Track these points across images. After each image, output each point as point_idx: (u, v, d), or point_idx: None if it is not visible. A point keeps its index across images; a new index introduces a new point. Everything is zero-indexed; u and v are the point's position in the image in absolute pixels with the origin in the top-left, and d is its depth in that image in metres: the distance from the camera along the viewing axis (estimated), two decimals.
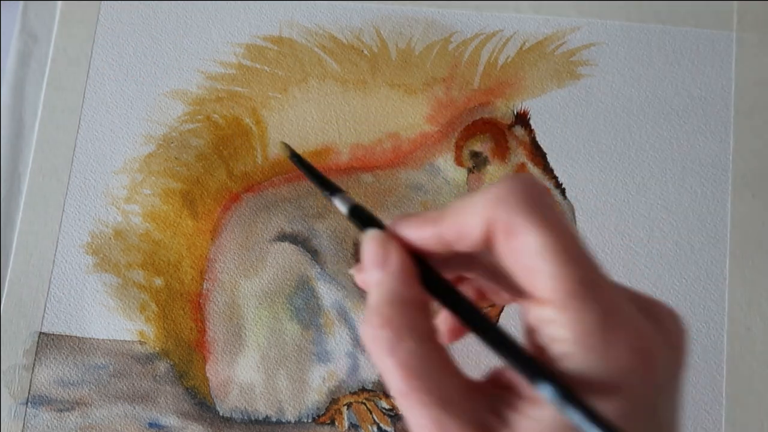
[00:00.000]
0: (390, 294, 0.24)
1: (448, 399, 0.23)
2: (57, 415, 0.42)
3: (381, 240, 0.26)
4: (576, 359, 0.22)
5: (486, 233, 0.24)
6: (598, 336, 0.22)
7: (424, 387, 0.23)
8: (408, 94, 0.46)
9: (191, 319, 0.43)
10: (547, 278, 0.22)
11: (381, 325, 0.24)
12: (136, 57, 0.47)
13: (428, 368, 0.23)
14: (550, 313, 0.23)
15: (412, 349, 0.23)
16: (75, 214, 0.45)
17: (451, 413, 0.22)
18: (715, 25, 0.47)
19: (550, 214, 0.23)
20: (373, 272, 0.25)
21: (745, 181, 0.45)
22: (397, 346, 0.23)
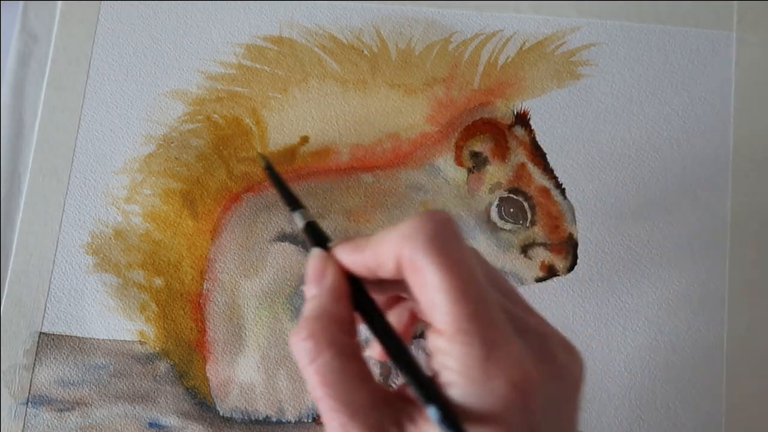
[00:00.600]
0: (318, 309, 0.27)
1: (354, 407, 0.25)
2: (57, 415, 0.42)
3: (321, 258, 0.29)
4: (460, 388, 0.24)
5: (397, 266, 0.26)
6: (478, 369, 0.24)
7: (334, 395, 0.26)
8: (408, 94, 0.46)
9: (191, 319, 0.43)
10: (441, 312, 0.25)
11: (305, 337, 0.26)
12: (136, 57, 0.47)
13: (341, 379, 0.26)
14: (443, 344, 0.25)
15: (328, 361, 0.26)
16: (75, 214, 0.45)
17: (356, 420, 0.25)
18: (715, 25, 0.47)
19: (452, 253, 0.25)
20: (310, 287, 0.28)
21: (746, 181, 0.45)
22: (317, 357, 0.26)
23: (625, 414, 0.42)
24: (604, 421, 0.42)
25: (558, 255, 0.44)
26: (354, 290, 0.28)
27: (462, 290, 0.25)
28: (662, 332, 0.43)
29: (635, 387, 0.43)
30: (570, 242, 0.44)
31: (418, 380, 0.25)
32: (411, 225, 0.26)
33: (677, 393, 0.42)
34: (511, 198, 0.44)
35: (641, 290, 0.44)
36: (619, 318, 0.43)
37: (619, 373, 0.43)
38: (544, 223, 0.44)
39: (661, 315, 0.43)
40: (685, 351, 0.43)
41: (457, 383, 0.25)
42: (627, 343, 0.43)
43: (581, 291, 0.44)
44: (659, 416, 0.42)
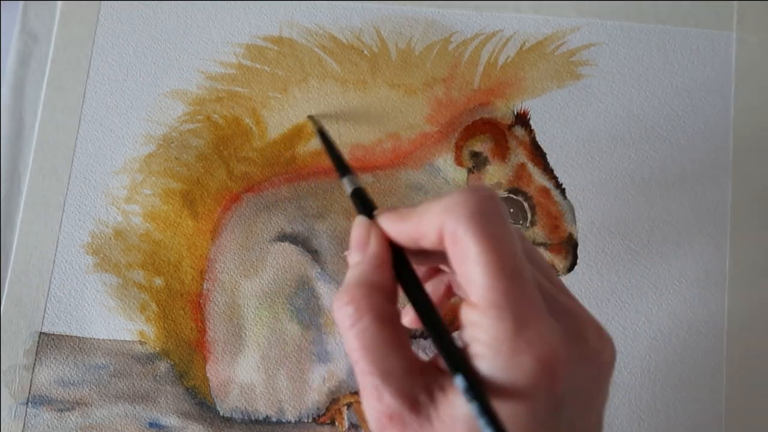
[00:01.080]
0: (361, 276, 0.28)
1: (388, 372, 0.26)
2: (57, 415, 0.42)
3: (365, 226, 0.29)
4: (488, 361, 0.25)
5: (439, 237, 0.27)
6: (508, 343, 0.25)
7: (370, 358, 0.26)
8: (408, 94, 0.46)
9: (191, 319, 0.43)
10: (477, 286, 0.25)
11: (347, 302, 0.27)
12: (136, 57, 0.47)
13: (377, 344, 0.27)
14: (475, 316, 0.25)
15: (367, 326, 0.27)
16: (75, 214, 0.45)
17: (389, 384, 0.26)
18: (715, 25, 0.47)
19: (493, 228, 0.26)
20: (354, 254, 0.29)
21: (746, 181, 0.45)
22: (357, 322, 0.27)
23: (625, 414, 0.42)
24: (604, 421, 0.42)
25: (558, 255, 0.44)
26: (395, 259, 0.29)
27: (499, 265, 0.25)
28: (662, 332, 0.43)
29: (635, 387, 0.43)
30: (570, 242, 0.44)
31: (447, 350, 0.26)
32: (455, 198, 0.26)
33: (677, 393, 0.42)
34: (511, 198, 0.44)
35: (641, 290, 0.44)
36: (619, 318, 0.43)
37: (618, 372, 0.43)
38: (544, 223, 0.44)
39: (661, 315, 0.43)
40: (685, 351, 0.43)
41: (485, 356, 0.25)
42: (627, 343, 0.43)
43: (581, 291, 0.44)
44: (659, 416, 0.42)
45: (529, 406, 0.25)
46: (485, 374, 0.25)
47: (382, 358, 0.27)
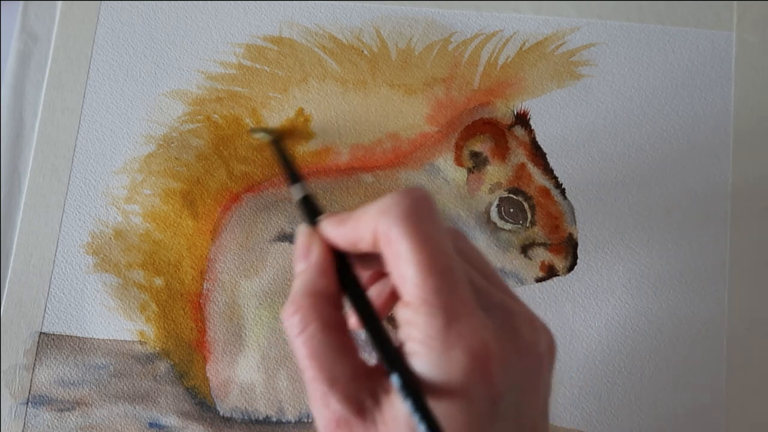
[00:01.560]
0: (305, 284, 0.29)
1: (334, 378, 0.27)
2: (57, 415, 0.42)
3: (307, 234, 0.30)
4: (422, 358, 0.26)
5: (374, 239, 0.27)
6: (439, 339, 0.25)
7: (317, 365, 0.27)
8: (408, 94, 0.46)
9: (191, 319, 0.43)
10: (409, 284, 0.26)
11: (293, 311, 0.28)
12: (136, 57, 0.47)
13: (324, 350, 0.27)
14: (409, 314, 0.26)
15: (313, 333, 0.27)
16: (75, 214, 0.45)
17: (335, 390, 0.27)
18: (715, 25, 0.47)
19: (423, 227, 0.26)
20: (298, 263, 0.30)
21: (746, 181, 0.45)
22: (304, 330, 0.28)
23: (625, 414, 0.42)
24: (603, 420, 0.42)
25: (558, 255, 0.44)
26: (339, 265, 0.29)
27: (429, 263, 0.26)
28: (662, 332, 0.43)
29: (635, 387, 0.43)
30: (570, 242, 0.44)
31: (384, 349, 0.27)
32: (388, 200, 0.27)
33: (677, 393, 0.42)
34: (511, 198, 0.44)
35: (641, 290, 0.44)
36: (618, 318, 0.43)
37: (618, 372, 0.43)
38: (544, 223, 0.44)
39: (661, 315, 0.43)
40: (685, 351, 0.43)
41: (419, 353, 0.26)
42: (627, 343, 0.43)
43: (581, 291, 0.44)
44: (659, 416, 0.42)
45: (465, 401, 0.25)
46: (420, 372, 0.26)
47: (328, 364, 0.27)
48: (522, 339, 0.28)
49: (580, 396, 0.42)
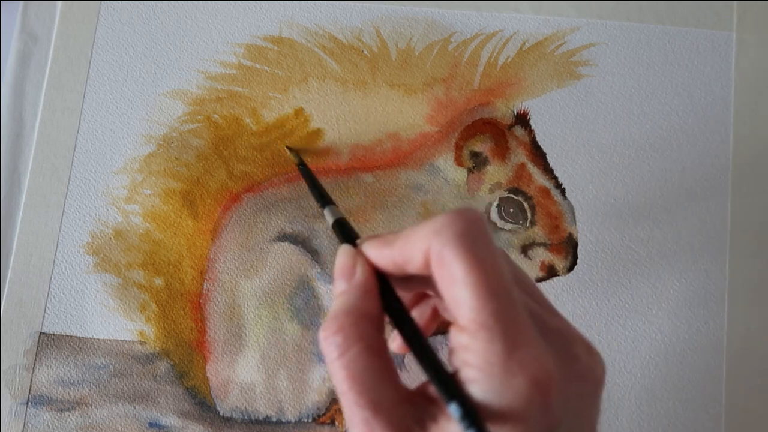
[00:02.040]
0: (348, 305, 0.28)
1: (378, 404, 0.26)
2: (57, 415, 0.42)
3: (351, 255, 0.29)
4: (480, 385, 0.25)
5: (425, 260, 0.26)
6: (500, 366, 0.24)
7: (360, 390, 0.26)
8: (408, 94, 0.46)
9: (191, 319, 0.43)
10: (465, 308, 0.25)
11: (335, 332, 0.27)
12: (136, 57, 0.47)
13: (368, 375, 0.26)
14: (465, 339, 0.25)
15: (356, 357, 0.26)
16: (75, 214, 0.45)
17: (380, 416, 0.26)
18: (715, 25, 0.47)
19: (480, 249, 0.25)
20: (339, 283, 0.29)
21: (745, 181, 0.45)
22: (345, 352, 0.26)
23: (624, 414, 0.42)
24: (603, 421, 0.42)
25: (558, 255, 0.44)
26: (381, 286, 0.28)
27: (487, 286, 0.25)
28: (662, 332, 0.43)
29: (635, 387, 0.43)
30: (570, 242, 0.44)
31: (440, 377, 0.26)
32: (441, 220, 0.26)
33: (677, 393, 0.42)
34: (511, 198, 0.44)
35: (641, 290, 0.44)
36: (619, 318, 0.43)
37: (618, 373, 0.43)
38: (544, 223, 0.44)
39: (661, 315, 0.43)
40: (685, 351, 0.43)
41: (477, 379, 0.25)
42: (627, 343, 0.43)
43: (581, 291, 0.44)
44: (659, 416, 0.42)
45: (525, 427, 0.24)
46: (478, 399, 0.25)
47: (372, 389, 0.26)
48: (581, 365, 0.27)
49: None
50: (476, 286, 0.25)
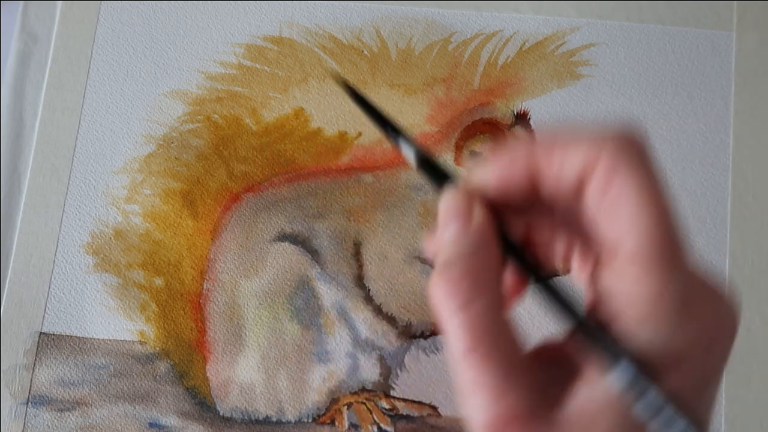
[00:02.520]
0: (471, 248, 0.23)
1: (511, 364, 0.22)
2: (57, 415, 0.42)
3: (464, 196, 0.24)
4: (648, 328, 0.21)
5: (582, 173, 0.22)
6: (678, 307, 0.21)
7: (491, 347, 0.21)
8: (408, 94, 0.46)
9: (191, 319, 0.43)
10: (639, 232, 0.21)
11: (459, 277, 0.22)
12: (136, 57, 0.47)
13: (497, 330, 0.22)
14: (629, 274, 0.21)
15: (485, 308, 0.22)
16: (75, 214, 0.45)
17: (513, 379, 0.21)
18: (715, 25, 0.47)
19: (654, 167, 0.21)
20: (450, 227, 0.24)
21: (745, 181, 0.45)
22: (471, 302, 0.22)
23: None
24: None
25: None
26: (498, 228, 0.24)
27: (667, 209, 0.21)
28: None
29: None
30: None
31: (597, 334, 0.21)
32: (611, 129, 0.22)
33: None
34: None
35: None
36: None
37: None
38: None
39: None
40: None
41: (644, 322, 0.21)
42: None
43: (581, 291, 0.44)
44: None
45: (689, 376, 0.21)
46: (644, 346, 0.21)
47: (504, 347, 0.22)
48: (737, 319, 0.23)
49: None
50: (655, 207, 0.21)
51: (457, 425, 0.42)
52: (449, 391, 0.42)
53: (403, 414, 0.42)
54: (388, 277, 0.43)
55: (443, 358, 0.43)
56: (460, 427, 0.42)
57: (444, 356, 0.43)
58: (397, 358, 0.43)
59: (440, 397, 0.42)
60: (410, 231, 0.44)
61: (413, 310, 0.43)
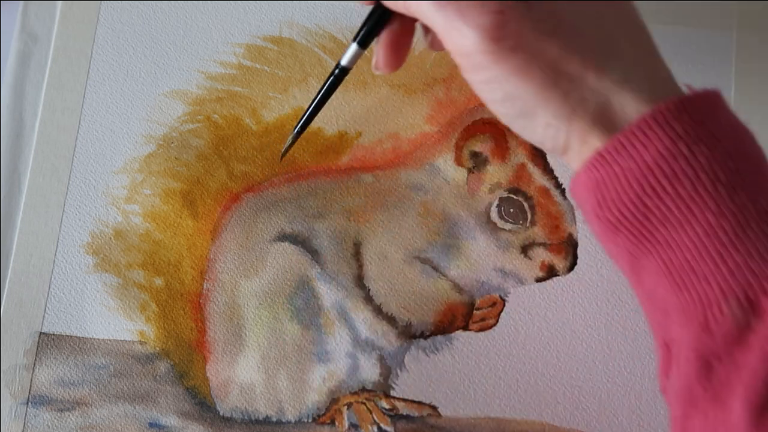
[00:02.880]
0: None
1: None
2: (57, 415, 0.42)
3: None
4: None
5: None
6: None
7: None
8: (408, 94, 0.46)
9: (191, 319, 0.43)
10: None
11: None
12: (136, 57, 0.47)
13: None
14: None
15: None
16: (75, 214, 0.45)
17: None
18: (715, 25, 0.47)
19: None
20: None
21: None
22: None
23: (624, 414, 0.42)
24: (603, 421, 0.42)
25: (558, 255, 0.44)
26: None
27: None
28: None
29: (635, 387, 0.43)
30: (570, 242, 0.44)
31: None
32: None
33: None
34: (511, 198, 0.44)
35: None
36: (619, 318, 0.43)
37: (619, 373, 0.43)
38: (544, 223, 0.44)
39: None
40: None
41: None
42: (627, 343, 0.43)
43: (581, 291, 0.44)
44: (659, 416, 0.42)
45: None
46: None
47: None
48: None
49: (580, 396, 0.42)
50: None
51: (457, 425, 0.42)
52: (449, 391, 0.42)
53: (403, 414, 0.42)
54: (388, 277, 0.43)
55: (443, 358, 0.43)
56: (460, 427, 0.42)
57: (444, 356, 0.43)
58: (397, 358, 0.43)
59: (440, 397, 0.42)
60: (410, 231, 0.44)
61: (413, 310, 0.43)
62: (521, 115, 0.32)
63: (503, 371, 0.42)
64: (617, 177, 0.29)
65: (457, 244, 0.44)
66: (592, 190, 0.30)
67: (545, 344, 0.43)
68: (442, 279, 0.43)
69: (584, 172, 0.30)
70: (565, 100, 0.30)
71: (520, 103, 0.31)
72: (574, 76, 0.30)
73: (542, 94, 0.30)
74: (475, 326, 0.43)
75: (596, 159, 0.30)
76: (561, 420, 0.42)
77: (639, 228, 0.29)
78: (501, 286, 0.44)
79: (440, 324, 0.43)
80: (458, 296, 0.43)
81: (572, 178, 0.32)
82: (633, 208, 0.29)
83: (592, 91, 0.30)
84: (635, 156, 0.29)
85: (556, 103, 0.30)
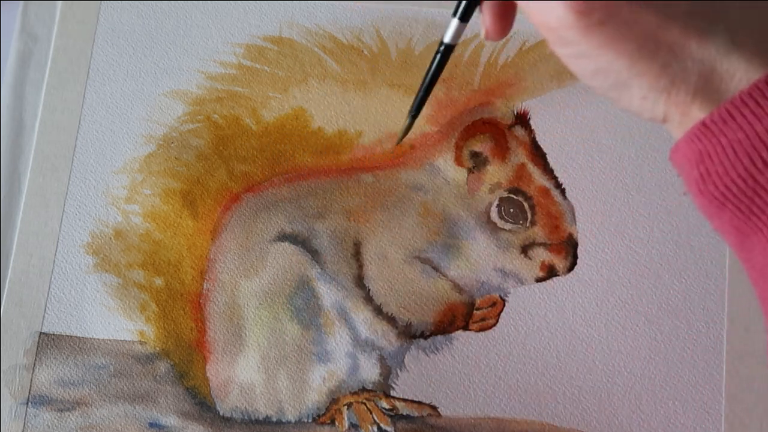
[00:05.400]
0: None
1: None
2: (57, 415, 0.42)
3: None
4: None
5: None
6: None
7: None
8: (408, 94, 0.46)
9: (191, 319, 0.43)
10: None
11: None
12: (136, 57, 0.47)
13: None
14: None
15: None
16: (75, 214, 0.45)
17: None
18: None
19: None
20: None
21: None
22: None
23: (624, 414, 0.42)
24: (603, 420, 0.42)
25: (558, 255, 0.44)
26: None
27: None
28: (662, 332, 0.43)
29: (635, 387, 0.43)
30: (570, 242, 0.44)
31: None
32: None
33: (677, 393, 0.42)
34: (511, 198, 0.44)
35: (641, 290, 0.44)
36: (619, 318, 0.43)
37: (619, 372, 0.43)
38: (544, 223, 0.44)
39: (661, 315, 0.43)
40: (685, 351, 0.43)
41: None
42: (627, 343, 0.43)
43: (581, 291, 0.44)
44: (659, 416, 0.42)
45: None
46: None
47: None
48: None
49: (580, 396, 0.42)
50: None
51: (457, 425, 0.42)
52: (449, 391, 0.42)
53: (403, 414, 0.42)
54: (388, 277, 0.43)
55: (443, 358, 0.43)
56: (460, 427, 0.42)
57: (444, 356, 0.43)
58: (397, 358, 0.43)
59: (440, 397, 0.42)
60: (410, 231, 0.44)
61: (413, 310, 0.43)
62: (614, 88, 0.30)
63: (503, 371, 0.42)
64: (724, 149, 0.27)
65: (457, 244, 0.44)
66: (695, 162, 0.28)
67: (545, 344, 0.43)
68: (442, 279, 0.43)
69: (685, 143, 0.28)
70: (663, 72, 0.28)
71: (613, 76, 0.29)
72: (675, 46, 0.28)
73: (636, 68, 0.28)
74: (475, 326, 0.43)
75: (699, 129, 0.28)
76: (561, 420, 0.42)
77: (748, 204, 0.28)
78: (501, 286, 0.44)
79: (440, 324, 0.43)
80: (458, 296, 0.43)
81: (672, 148, 0.30)
82: (742, 183, 0.27)
83: (694, 60, 0.28)
84: (745, 126, 0.27)
85: (653, 75, 0.28)
